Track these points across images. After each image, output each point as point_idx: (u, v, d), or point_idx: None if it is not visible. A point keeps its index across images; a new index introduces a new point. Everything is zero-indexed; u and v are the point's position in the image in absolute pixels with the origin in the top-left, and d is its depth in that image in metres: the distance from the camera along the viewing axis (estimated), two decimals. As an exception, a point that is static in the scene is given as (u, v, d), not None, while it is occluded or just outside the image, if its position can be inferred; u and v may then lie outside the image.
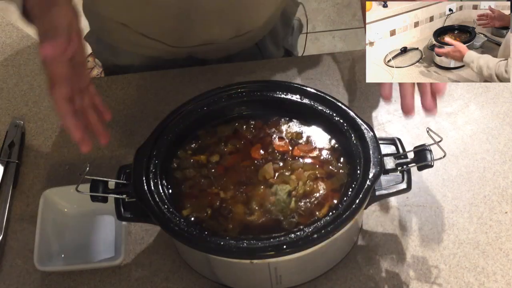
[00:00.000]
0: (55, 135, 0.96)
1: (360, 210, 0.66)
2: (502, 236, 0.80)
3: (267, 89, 0.78)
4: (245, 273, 0.73)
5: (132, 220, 0.74)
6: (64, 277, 0.80)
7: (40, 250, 0.78)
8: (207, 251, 0.65)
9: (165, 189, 0.70)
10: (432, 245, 0.79)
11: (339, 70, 1.01)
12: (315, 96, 0.76)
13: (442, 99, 0.95)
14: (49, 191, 0.83)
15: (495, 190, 0.84)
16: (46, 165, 0.92)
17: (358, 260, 0.79)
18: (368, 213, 0.83)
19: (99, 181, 0.70)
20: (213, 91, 0.78)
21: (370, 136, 0.71)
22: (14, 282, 0.80)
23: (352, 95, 0.97)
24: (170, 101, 0.98)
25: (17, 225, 0.86)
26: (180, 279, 0.79)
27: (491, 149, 0.89)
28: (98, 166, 0.90)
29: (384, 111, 0.95)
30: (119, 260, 0.78)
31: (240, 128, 0.78)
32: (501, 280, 0.76)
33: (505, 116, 0.93)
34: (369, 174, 0.67)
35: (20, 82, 1.04)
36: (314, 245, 0.64)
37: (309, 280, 0.77)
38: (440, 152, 0.65)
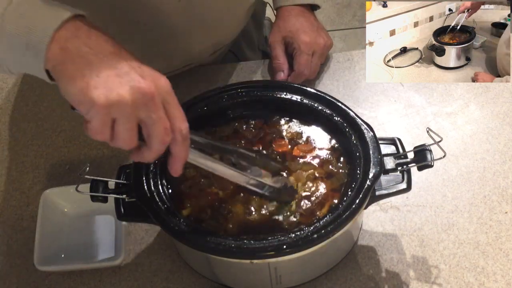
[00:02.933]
0: (55, 135, 0.96)
1: (360, 210, 0.66)
2: (502, 236, 0.80)
3: (267, 89, 0.78)
4: (245, 273, 0.73)
5: (132, 220, 0.74)
6: (64, 277, 0.80)
7: (40, 250, 0.78)
8: (207, 251, 0.65)
9: (165, 189, 0.70)
10: (432, 245, 0.79)
11: (339, 70, 1.01)
12: (315, 96, 0.76)
13: (440, 98, 0.96)
14: (49, 191, 0.83)
15: (495, 190, 0.84)
16: (46, 165, 0.92)
17: (358, 260, 0.79)
18: (368, 213, 0.83)
19: (99, 181, 0.70)
20: (213, 91, 0.78)
21: (370, 136, 0.70)
22: (14, 282, 0.80)
23: (352, 95, 0.97)
24: (170, 101, 0.98)
25: (17, 225, 0.86)
26: (180, 279, 0.79)
27: (491, 149, 0.89)
28: (98, 166, 0.90)
29: (384, 111, 0.95)
30: (119, 260, 0.78)
31: (240, 128, 0.78)
32: (501, 280, 0.76)
33: (505, 116, 0.93)
34: (369, 174, 0.67)
35: (20, 82, 1.04)
36: (314, 245, 0.64)
37: (309, 280, 0.77)
38: (440, 152, 0.65)
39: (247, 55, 1.13)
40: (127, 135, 0.52)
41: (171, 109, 0.54)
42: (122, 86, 0.51)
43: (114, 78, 0.51)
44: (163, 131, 0.53)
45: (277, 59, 0.96)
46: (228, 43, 1.04)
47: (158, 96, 0.53)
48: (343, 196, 0.68)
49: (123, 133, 0.52)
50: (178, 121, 0.54)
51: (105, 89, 0.50)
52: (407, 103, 0.95)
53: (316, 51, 0.94)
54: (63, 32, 0.52)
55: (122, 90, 0.51)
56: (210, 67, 1.03)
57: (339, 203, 0.67)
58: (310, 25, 0.96)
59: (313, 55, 0.94)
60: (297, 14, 0.97)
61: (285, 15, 0.97)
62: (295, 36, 0.94)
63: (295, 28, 0.95)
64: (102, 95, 0.50)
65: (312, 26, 0.96)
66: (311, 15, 0.98)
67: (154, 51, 0.91)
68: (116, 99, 0.50)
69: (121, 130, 0.52)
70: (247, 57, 1.13)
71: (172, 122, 0.54)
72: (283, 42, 0.96)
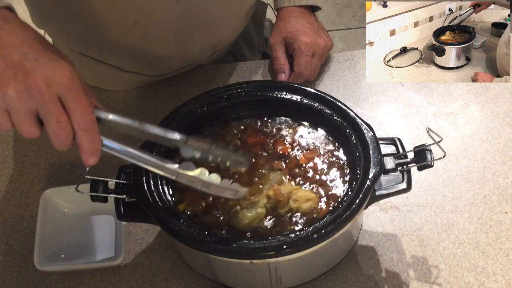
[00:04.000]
0: (55, 135, 0.96)
1: (360, 210, 0.66)
2: (502, 236, 0.80)
3: (267, 89, 0.78)
4: (245, 273, 0.73)
5: (132, 220, 0.74)
6: (64, 277, 0.80)
7: (40, 250, 0.78)
8: (207, 251, 0.65)
9: (165, 189, 0.70)
10: (432, 245, 0.79)
11: (339, 70, 1.01)
12: (315, 96, 0.76)
13: (440, 98, 0.96)
14: (49, 191, 0.83)
15: (495, 190, 0.84)
16: (46, 165, 0.92)
17: (358, 260, 0.79)
18: (368, 213, 0.83)
19: (99, 181, 0.70)
20: (213, 91, 0.78)
21: (370, 136, 0.70)
22: (14, 282, 0.80)
23: (352, 95, 0.97)
24: (170, 101, 0.98)
25: (17, 225, 0.86)
26: (180, 279, 0.79)
27: (491, 149, 0.89)
28: (98, 166, 0.89)
29: (384, 111, 0.95)
30: (119, 260, 0.78)
31: (240, 128, 0.78)
32: (501, 280, 0.76)
33: (505, 116, 0.93)
34: (369, 174, 0.67)
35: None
36: (314, 245, 0.64)
37: (309, 280, 0.77)
38: (440, 152, 0.65)
39: (246, 57, 1.13)
40: (21, 126, 0.54)
41: (68, 102, 0.54)
42: (7, 80, 0.52)
43: (2, 71, 0.52)
44: (55, 124, 0.54)
45: (278, 60, 0.96)
46: (227, 45, 1.04)
47: (48, 90, 0.53)
48: (343, 196, 0.68)
49: (17, 124, 0.54)
50: (76, 113, 0.54)
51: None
52: (407, 103, 0.95)
53: (316, 52, 0.94)
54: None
55: (5, 83, 0.52)
56: (210, 67, 1.03)
57: (339, 203, 0.67)
58: (311, 26, 0.96)
59: (313, 56, 0.94)
60: (297, 15, 0.97)
61: (286, 16, 0.97)
62: (295, 36, 0.94)
63: (296, 29, 0.95)
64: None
65: (313, 27, 0.96)
66: (311, 16, 0.98)
67: (153, 52, 0.91)
68: (0, 93, 0.52)
69: (15, 121, 0.54)
70: (247, 58, 1.12)
71: (70, 115, 0.54)
72: (283, 43, 0.97)
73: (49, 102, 0.53)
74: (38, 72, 0.53)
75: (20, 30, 0.56)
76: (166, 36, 0.89)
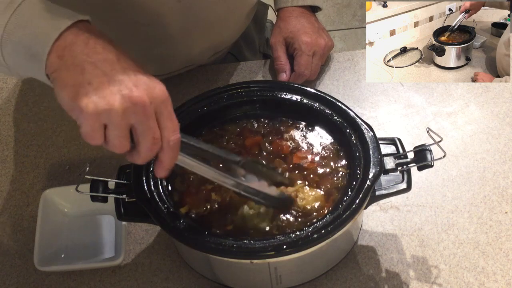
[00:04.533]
0: (55, 135, 0.96)
1: (360, 210, 0.66)
2: (502, 236, 0.80)
3: (267, 89, 0.78)
4: (245, 273, 0.73)
5: (132, 220, 0.74)
6: (64, 277, 0.80)
7: (40, 250, 0.78)
8: (207, 251, 0.65)
9: (165, 189, 0.70)
10: (432, 245, 0.79)
11: (339, 70, 1.01)
12: (315, 96, 0.76)
13: (440, 98, 0.96)
14: (49, 191, 0.83)
15: (495, 190, 0.84)
16: (46, 165, 0.92)
17: (358, 260, 0.79)
18: (368, 213, 0.83)
19: (99, 181, 0.70)
20: (213, 91, 0.78)
21: (370, 136, 0.70)
22: (14, 282, 0.80)
23: (352, 95, 0.97)
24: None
25: (17, 225, 0.86)
26: (180, 279, 0.79)
27: (491, 149, 0.89)
28: (98, 166, 0.90)
29: (384, 111, 0.95)
30: (119, 260, 0.78)
31: (240, 127, 0.78)
32: (501, 280, 0.76)
33: (505, 116, 0.93)
34: (369, 174, 0.67)
35: (20, 82, 1.04)
36: (314, 245, 0.64)
37: (309, 280, 0.77)
38: (440, 152, 0.65)
39: (247, 58, 1.13)
40: (117, 141, 0.53)
41: (163, 120, 0.55)
42: (113, 95, 0.51)
43: (106, 86, 0.52)
44: (151, 140, 0.54)
45: (279, 60, 0.96)
46: (228, 45, 1.04)
47: (150, 106, 0.53)
48: (343, 196, 0.68)
49: (113, 139, 0.53)
50: (168, 132, 0.55)
51: (95, 97, 0.51)
52: (407, 103, 0.95)
53: (317, 51, 0.94)
54: (61, 41, 0.53)
55: (112, 98, 0.51)
56: (210, 67, 1.03)
57: (339, 203, 0.67)
58: (311, 26, 0.96)
59: (313, 56, 0.94)
60: (298, 15, 0.97)
61: (286, 16, 0.97)
62: (295, 36, 0.94)
63: (296, 29, 0.95)
64: (91, 103, 0.51)
65: (313, 27, 0.96)
66: (312, 16, 0.98)
67: (154, 52, 0.91)
68: (105, 108, 0.51)
69: (112, 136, 0.53)
70: (248, 59, 1.12)
71: (162, 132, 0.55)
72: (284, 43, 0.97)
73: (150, 118, 0.53)
74: (142, 89, 0.53)
75: (111, 45, 0.55)
76: (167, 37, 0.89)
